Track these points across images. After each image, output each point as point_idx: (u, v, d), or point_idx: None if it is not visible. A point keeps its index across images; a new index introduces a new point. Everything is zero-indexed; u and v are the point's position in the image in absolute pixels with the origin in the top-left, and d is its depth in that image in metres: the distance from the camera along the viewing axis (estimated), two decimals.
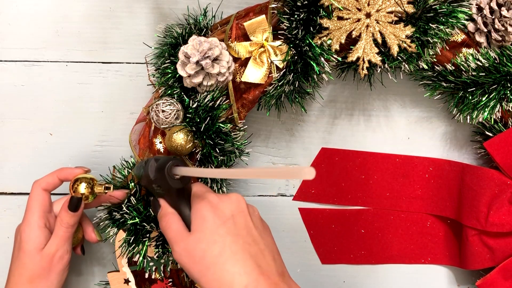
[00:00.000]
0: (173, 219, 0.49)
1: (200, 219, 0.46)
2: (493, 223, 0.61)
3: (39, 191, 0.57)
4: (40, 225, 0.56)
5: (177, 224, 0.48)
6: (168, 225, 0.49)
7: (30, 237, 0.55)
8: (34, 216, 0.56)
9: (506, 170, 0.61)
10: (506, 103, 0.58)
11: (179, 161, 0.49)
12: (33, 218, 0.56)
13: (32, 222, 0.56)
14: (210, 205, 0.47)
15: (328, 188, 0.69)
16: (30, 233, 0.55)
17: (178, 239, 0.47)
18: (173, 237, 0.47)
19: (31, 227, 0.55)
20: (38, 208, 0.56)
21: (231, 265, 0.43)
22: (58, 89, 0.66)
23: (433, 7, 0.55)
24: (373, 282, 0.71)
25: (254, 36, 0.57)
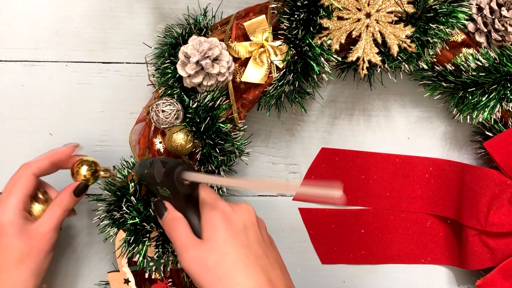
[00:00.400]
0: (181, 225, 0.48)
1: (213, 229, 0.46)
2: (493, 223, 0.61)
3: (27, 175, 0.56)
4: (20, 208, 0.55)
5: (186, 230, 0.47)
6: (176, 230, 0.48)
7: (11, 220, 0.54)
8: (15, 199, 0.55)
9: (506, 170, 0.61)
10: (506, 103, 0.58)
11: (189, 166, 0.48)
12: (13, 201, 0.55)
13: (11, 204, 0.54)
14: (223, 215, 0.46)
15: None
16: (11, 216, 0.54)
17: (188, 246, 0.46)
18: (183, 243, 0.46)
19: (11, 210, 0.54)
20: (22, 192, 0.55)
21: (244, 277, 0.43)
22: (58, 89, 0.66)
23: (433, 7, 0.55)
24: (373, 282, 0.71)
25: (254, 36, 0.57)
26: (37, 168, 0.57)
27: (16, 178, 0.56)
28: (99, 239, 0.67)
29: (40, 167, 0.57)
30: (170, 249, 0.59)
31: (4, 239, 0.54)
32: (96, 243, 0.68)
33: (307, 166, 0.69)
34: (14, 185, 0.56)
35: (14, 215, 0.54)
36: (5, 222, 0.54)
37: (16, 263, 0.54)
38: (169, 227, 0.48)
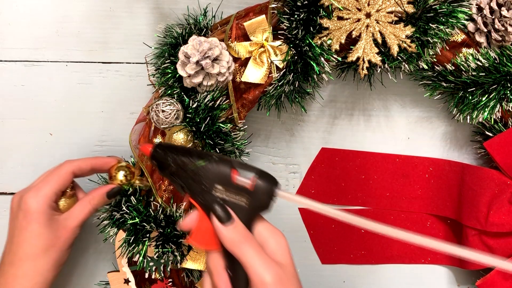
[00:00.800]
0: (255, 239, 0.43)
1: (287, 255, 0.44)
2: (493, 223, 0.61)
3: (67, 170, 0.57)
4: (52, 198, 0.56)
5: (264, 253, 0.42)
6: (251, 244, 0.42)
7: (42, 208, 0.54)
8: (48, 190, 0.55)
9: (506, 170, 0.61)
10: (506, 103, 0.58)
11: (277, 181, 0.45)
12: (46, 190, 0.55)
13: (44, 193, 0.55)
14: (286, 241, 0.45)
15: (328, 188, 0.69)
16: (42, 204, 0.55)
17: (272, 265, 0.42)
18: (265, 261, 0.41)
19: (43, 198, 0.55)
20: (57, 184, 0.56)
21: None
22: (58, 89, 0.66)
23: (433, 7, 0.55)
24: (373, 282, 0.71)
25: (254, 36, 0.57)
26: (78, 167, 0.58)
27: (55, 171, 0.57)
28: (99, 239, 0.67)
29: (81, 167, 0.58)
30: (170, 249, 0.59)
31: (33, 226, 0.54)
32: (96, 243, 0.68)
33: (307, 166, 0.69)
34: (51, 176, 0.56)
35: (45, 204, 0.55)
36: (36, 210, 0.54)
37: (42, 252, 0.54)
38: (241, 238, 0.43)
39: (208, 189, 0.45)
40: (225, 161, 0.45)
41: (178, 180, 0.46)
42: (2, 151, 0.67)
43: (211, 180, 0.44)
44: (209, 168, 0.44)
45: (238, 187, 0.44)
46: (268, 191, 0.44)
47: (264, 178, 0.44)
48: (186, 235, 0.59)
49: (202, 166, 0.45)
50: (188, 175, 0.45)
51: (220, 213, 0.44)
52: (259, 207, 0.44)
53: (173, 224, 0.59)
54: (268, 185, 0.44)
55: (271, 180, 0.44)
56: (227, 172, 0.44)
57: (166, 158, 0.46)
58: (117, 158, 0.61)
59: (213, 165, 0.45)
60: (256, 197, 0.44)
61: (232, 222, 0.43)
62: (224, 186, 0.44)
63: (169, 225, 0.59)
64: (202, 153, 0.46)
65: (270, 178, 0.44)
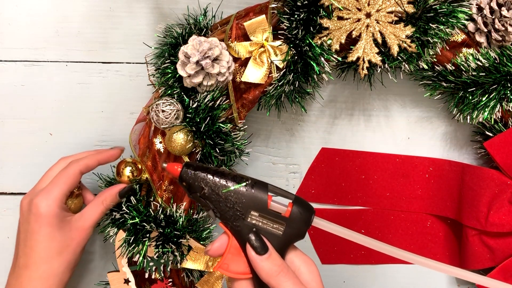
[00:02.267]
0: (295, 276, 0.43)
1: (321, 284, 0.44)
2: (493, 223, 0.61)
3: (75, 171, 0.57)
4: (62, 200, 0.56)
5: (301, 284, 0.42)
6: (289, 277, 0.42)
7: (54, 211, 0.54)
8: (59, 192, 0.55)
9: (506, 170, 0.61)
10: (506, 103, 0.58)
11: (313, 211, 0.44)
12: (57, 193, 0.55)
13: (55, 196, 0.55)
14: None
15: (328, 188, 0.69)
16: (54, 207, 0.55)
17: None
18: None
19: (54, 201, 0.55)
20: (66, 186, 0.56)
21: None
22: (58, 89, 0.66)
23: (433, 7, 0.55)
24: (373, 282, 0.71)
25: (254, 36, 0.57)
26: (85, 165, 0.58)
27: (63, 172, 0.57)
28: (99, 239, 0.67)
29: (88, 165, 0.58)
30: (170, 249, 0.59)
31: (46, 229, 0.54)
32: (96, 243, 0.68)
33: (307, 166, 0.69)
34: (59, 177, 0.56)
35: (57, 206, 0.55)
36: (48, 213, 0.54)
37: (56, 254, 0.54)
38: (277, 270, 0.42)
39: (243, 215, 0.43)
40: (261, 186, 0.43)
41: (209, 204, 0.43)
42: (2, 151, 0.67)
43: (246, 206, 0.42)
44: (244, 193, 0.42)
45: (273, 213, 0.42)
46: (305, 219, 0.42)
47: (300, 205, 0.43)
48: (187, 237, 0.59)
49: (237, 190, 0.43)
50: (221, 199, 0.43)
51: (256, 243, 0.42)
52: (294, 236, 0.43)
53: (173, 224, 0.59)
54: (305, 212, 0.42)
55: (307, 208, 0.43)
56: (264, 197, 0.42)
57: (196, 180, 0.43)
58: (120, 148, 0.61)
59: (249, 189, 0.43)
60: (292, 225, 0.42)
61: (268, 253, 0.42)
62: (259, 213, 0.42)
63: (169, 225, 0.59)
64: (237, 175, 0.44)
65: (306, 205, 0.43)
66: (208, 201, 0.44)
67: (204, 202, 0.44)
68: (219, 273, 0.61)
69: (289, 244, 0.44)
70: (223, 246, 0.44)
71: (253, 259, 0.42)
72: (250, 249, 0.42)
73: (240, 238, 0.43)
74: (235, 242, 0.44)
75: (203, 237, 0.61)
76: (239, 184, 0.43)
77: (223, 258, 0.44)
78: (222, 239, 0.44)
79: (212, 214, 0.45)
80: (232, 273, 0.44)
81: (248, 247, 0.42)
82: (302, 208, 0.42)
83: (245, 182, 0.43)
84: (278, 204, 0.43)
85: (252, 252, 0.42)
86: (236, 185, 0.43)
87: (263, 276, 0.42)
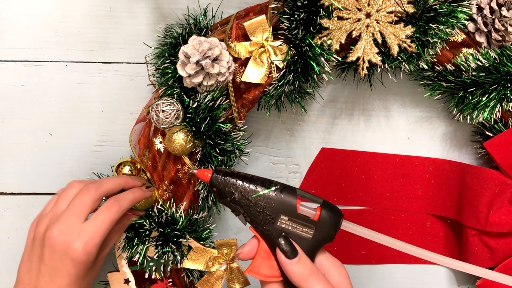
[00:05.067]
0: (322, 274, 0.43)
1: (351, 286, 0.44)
2: (493, 223, 0.61)
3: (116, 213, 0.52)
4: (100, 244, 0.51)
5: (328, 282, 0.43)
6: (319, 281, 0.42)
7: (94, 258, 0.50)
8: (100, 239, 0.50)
9: (506, 170, 0.61)
10: (506, 103, 0.58)
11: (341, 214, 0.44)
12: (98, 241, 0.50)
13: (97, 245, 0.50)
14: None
15: (328, 188, 0.69)
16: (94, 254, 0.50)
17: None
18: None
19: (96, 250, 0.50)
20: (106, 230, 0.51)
21: None
22: (58, 89, 0.66)
23: (433, 7, 0.55)
24: (373, 282, 0.71)
25: (254, 36, 0.57)
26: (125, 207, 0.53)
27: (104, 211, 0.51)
28: None
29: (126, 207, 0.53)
30: (170, 249, 0.59)
31: (82, 272, 0.50)
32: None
33: (307, 166, 0.69)
34: (100, 217, 0.51)
35: (96, 252, 0.50)
36: (88, 260, 0.50)
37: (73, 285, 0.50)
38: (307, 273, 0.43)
39: (273, 219, 0.43)
40: (290, 190, 0.44)
41: (239, 208, 0.45)
42: (2, 151, 0.67)
43: (275, 210, 0.43)
44: (273, 197, 0.43)
45: (303, 217, 0.43)
46: (333, 222, 0.43)
47: (329, 209, 0.43)
48: (187, 237, 0.60)
49: (266, 195, 0.43)
50: (251, 204, 0.44)
51: (286, 247, 0.43)
52: (324, 239, 0.43)
53: (173, 224, 0.59)
54: (334, 216, 0.43)
55: (336, 211, 0.43)
56: (293, 202, 0.43)
57: (227, 185, 0.45)
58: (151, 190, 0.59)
59: (278, 194, 0.43)
60: (321, 229, 0.43)
61: (298, 256, 0.43)
62: (289, 217, 0.43)
63: (169, 225, 0.59)
64: (266, 180, 0.45)
65: (335, 209, 0.43)
66: (239, 206, 0.45)
67: (235, 207, 0.45)
68: (219, 273, 0.61)
69: (318, 247, 0.44)
70: (254, 250, 0.45)
71: (284, 263, 0.43)
72: (280, 253, 0.43)
73: (270, 242, 0.44)
74: (265, 245, 0.45)
75: (203, 237, 0.61)
76: (268, 189, 0.44)
77: (254, 261, 0.45)
78: (252, 242, 0.45)
79: (242, 219, 0.45)
80: (263, 276, 0.45)
81: (278, 251, 0.43)
82: (331, 211, 0.43)
83: (274, 187, 0.44)
84: (307, 208, 0.43)
85: (282, 256, 0.43)
86: (266, 190, 0.44)
87: (293, 280, 0.42)
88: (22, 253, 0.53)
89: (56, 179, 0.67)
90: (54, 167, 0.67)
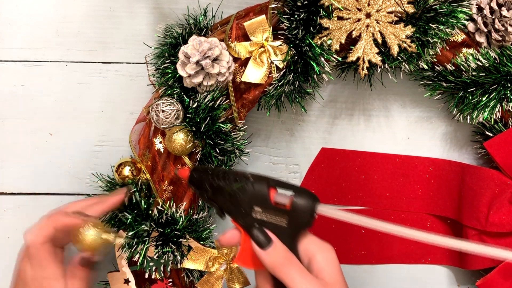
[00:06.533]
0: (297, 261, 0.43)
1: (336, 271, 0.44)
2: (493, 223, 0.61)
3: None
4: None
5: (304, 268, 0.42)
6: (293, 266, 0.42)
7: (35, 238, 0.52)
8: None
9: (506, 170, 0.61)
10: (506, 103, 0.58)
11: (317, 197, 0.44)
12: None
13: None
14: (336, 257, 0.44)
15: (328, 188, 0.69)
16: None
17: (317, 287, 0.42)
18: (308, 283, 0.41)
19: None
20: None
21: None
22: (58, 89, 0.66)
23: (433, 7, 0.55)
24: (373, 282, 0.71)
25: (254, 36, 0.57)
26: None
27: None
28: None
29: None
30: (170, 249, 0.59)
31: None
32: None
33: (307, 166, 0.69)
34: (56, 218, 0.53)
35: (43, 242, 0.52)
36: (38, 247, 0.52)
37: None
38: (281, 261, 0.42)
39: (247, 212, 0.44)
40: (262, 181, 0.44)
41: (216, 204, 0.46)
42: (2, 151, 0.67)
43: (249, 203, 0.44)
44: (246, 190, 0.44)
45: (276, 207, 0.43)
46: (307, 208, 0.43)
47: (302, 196, 0.43)
48: (187, 237, 0.59)
49: (239, 189, 0.44)
50: (226, 199, 0.45)
51: (258, 238, 0.43)
52: (300, 226, 0.43)
53: (173, 224, 0.59)
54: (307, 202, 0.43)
55: (309, 197, 0.43)
56: (265, 192, 0.43)
57: (202, 182, 0.46)
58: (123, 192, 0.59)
59: (250, 186, 0.44)
60: (295, 216, 0.43)
61: (271, 245, 0.43)
62: (262, 208, 0.43)
63: (169, 225, 0.59)
64: (238, 174, 0.45)
65: (308, 195, 0.43)
66: (215, 201, 0.46)
67: (212, 202, 0.46)
68: (219, 273, 0.61)
69: (296, 234, 0.44)
70: (234, 238, 0.45)
71: (257, 253, 0.43)
72: (253, 244, 0.43)
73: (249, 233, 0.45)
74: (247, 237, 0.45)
75: (203, 237, 0.61)
76: (240, 183, 0.44)
77: (240, 252, 0.45)
78: (234, 231, 0.46)
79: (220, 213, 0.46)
80: (249, 265, 0.45)
81: (252, 242, 0.44)
82: (304, 198, 0.43)
83: (245, 180, 0.44)
84: (280, 197, 0.43)
85: (256, 247, 0.43)
86: (238, 184, 0.44)
87: (269, 269, 0.43)
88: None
89: (56, 179, 0.67)
90: (54, 167, 0.67)
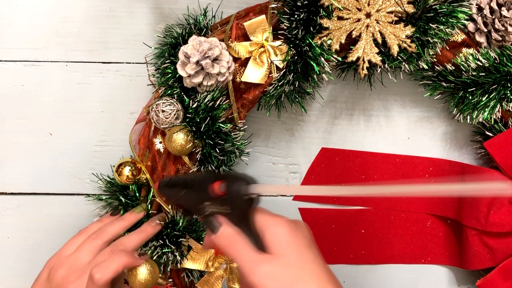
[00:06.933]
0: (243, 239, 0.45)
1: (284, 244, 0.44)
2: (493, 223, 0.61)
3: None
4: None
5: (249, 245, 0.44)
6: (238, 245, 0.44)
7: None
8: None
9: (506, 170, 0.61)
10: (506, 103, 0.58)
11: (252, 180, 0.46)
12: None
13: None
14: (290, 230, 0.45)
15: None
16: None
17: (259, 261, 0.43)
18: (251, 258, 0.43)
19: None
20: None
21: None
22: (58, 89, 0.66)
23: (433, 7, 0.55)
24: (373, 282, 0.71)
25: (254, 36, 0.57)
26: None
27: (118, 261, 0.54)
28: None
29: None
30: (170, 249, 0.59)
31: None
32: None
33: (307, 166, 0.69)
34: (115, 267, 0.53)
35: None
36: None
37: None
38: (228, 242, 0.45)
39: (202, 208, 0.48)
40: (207, 179, 0.48)
41: (181, 208, 0.55)
42: (2, 151, 0.67)
43: (201, 200, 0.47)
44: (194, 191, 0.48)
45: (217, 198, 0.46)
46: (240, 192, 0.45)
47: (232, 182, 0.45)
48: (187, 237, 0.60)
49: (188, 192, 0.49)
50: (184, 202, 0.50)
51: (209, 225, 0.46)
52: (243, 209, 0.45)
53: (173, 225, 0.59)
54: (238, 186, 0.45)
55: (241, 181, 0.45)
56: (206, 188, 0.47)
57: (165, 193, 0.54)
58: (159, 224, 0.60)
59: (195, 188, 0.48)
60: (233, 201, 0.45)
61: (220, 230, 0.46)
62: (210, 201, 0.47)
63: (169, 225, 0.59)
64: (187, 179, 0.50)
65: (241, 180, 0.45)
66: (179, 206, 0.54)
67: (178, 206, 0.54)
68: (219, 273, 0.61)
69: (244, 216, 0.46)
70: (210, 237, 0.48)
71: (212, 238, 0.46)
72: (208, 232, 0.47)
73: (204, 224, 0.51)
74: None
75: (203, 237, 0.61)
76: (184, 189, 0.49)
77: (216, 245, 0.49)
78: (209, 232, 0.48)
79: (186, 214, 0.54)
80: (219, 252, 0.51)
81: (207, 230, 0.48)
82: (236, 183, 0.45)
83: (190, 184, 0.49)
84: (220, 187, 0.46)
85: (210, 234, 0.47)
86: (184, 190, 0.49)
87: (222, 250, 0.46)
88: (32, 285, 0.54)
89: (56, 179, 0.67)
90: (54, 167, 0.67)
